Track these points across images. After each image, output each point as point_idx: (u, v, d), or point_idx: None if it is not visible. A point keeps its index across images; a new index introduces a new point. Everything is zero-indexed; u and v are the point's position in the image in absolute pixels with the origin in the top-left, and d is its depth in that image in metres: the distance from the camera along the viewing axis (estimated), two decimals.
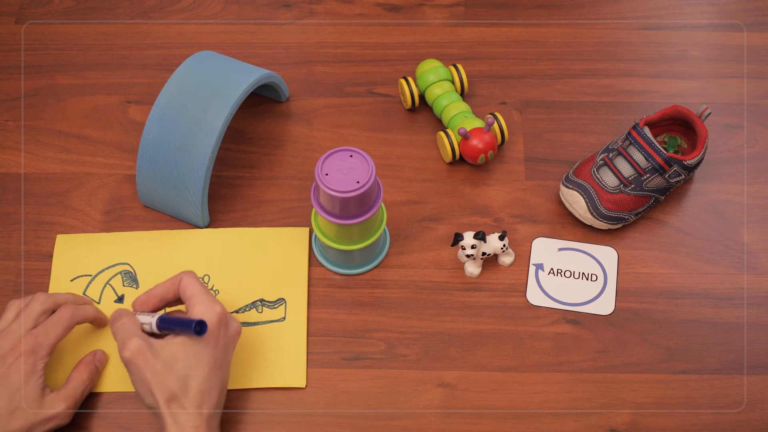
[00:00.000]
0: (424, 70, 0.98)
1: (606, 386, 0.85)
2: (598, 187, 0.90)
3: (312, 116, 1.01)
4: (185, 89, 0.88)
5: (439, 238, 0.93)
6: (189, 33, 1.08)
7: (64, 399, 0.78)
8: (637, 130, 0.90)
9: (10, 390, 0.76)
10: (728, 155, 0.98)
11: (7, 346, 0.77)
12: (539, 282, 0.90)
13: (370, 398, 0.84)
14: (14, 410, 0.75)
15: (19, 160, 0.98)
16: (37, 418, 0.76)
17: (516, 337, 0.87)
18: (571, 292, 0.90)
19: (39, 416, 0.76)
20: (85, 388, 0.81)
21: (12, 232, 0.93)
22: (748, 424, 0.83)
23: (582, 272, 0.91)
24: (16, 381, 0.76)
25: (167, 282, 0.81)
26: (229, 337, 0.79)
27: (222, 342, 0.77)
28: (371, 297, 0.90)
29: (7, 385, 0.76)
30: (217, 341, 0.77)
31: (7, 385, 0.76)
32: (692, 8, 1.09)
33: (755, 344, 0.87)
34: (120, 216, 0.94)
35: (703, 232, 0.93)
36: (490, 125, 0.92)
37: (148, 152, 0.89)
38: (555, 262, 0.91)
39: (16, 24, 1.09)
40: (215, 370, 0.76)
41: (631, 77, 1.04)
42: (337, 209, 0.81)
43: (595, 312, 0.88)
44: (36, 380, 0.77)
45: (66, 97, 1.03)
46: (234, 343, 0.79)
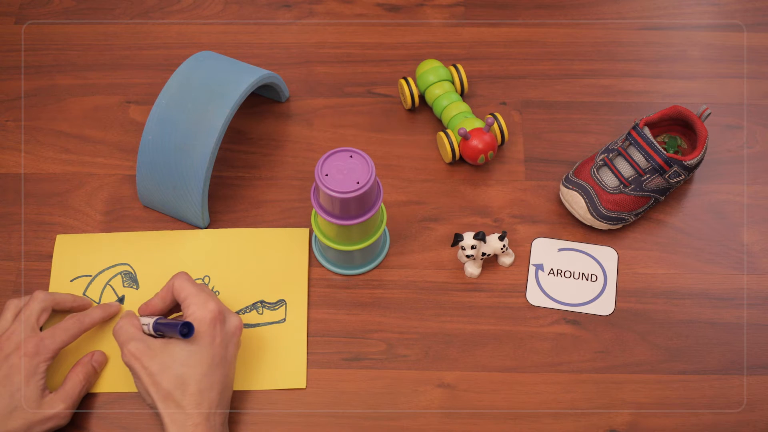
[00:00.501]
0: (424, 70, 0.98)
1: (606, 386, 0.85)
2: (598, 188, 0.90)
3: (312, 116, 1.01)
4: (185, 89, 0.88)
5: (439, 238, 0.93)
6: (189, 33, 1.08)
7: (62, 399, 0.79)
8: (637, 130, 0.90)
9: (11, 390, 0.76)
10: (728, 155, 0.98)
11: (11, 346, 0.78)
12: (539, 282, 0.90)
13: (370, 398, 0.84)
14: (13, 410, 0.76)
15: (19, 160, 0.98)
16: (36, 418, 0.77)
17: (516, 338, 0.87)
18: (571, 293, 0.90)
19: (37, 416, 0.77)
20: (82, 388, 0.81)
21: (12, 232, 0.93)
22: (748, 425, 0.83)
23: (582, 272, 0.91)
24: (17, 381, 0.77)
25: (162, 290, 0.82)
26: (227, 333, 0.79)
27: (219, 339, 0.78)
28: (371, 297, 0.90)
29: (8, 385, 0.76)
30: (213, 339, 0.77)
31: (8, 385, 0.76)
32: (692, 8, 1.09)
33: (755, 344, 0.87)
34: (120, 216, 0.94)
35: (703, 232, 0.93)
36: (490, 125, 0.92)
37: (148, 152, 0.89)
38: (555, 262, 0.91)
39: (16, 24, 1.09)
40: (213, 368, 0.77)
41: (631, 77, 1.04)
42: (337, 210, 0.81)
43: (595, 312, 0.88)
44: (37, 381, 0.77)
45: (66, 97, 1.03)
46: (234, 338, 0.80)
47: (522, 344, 0.87)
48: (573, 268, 0.91)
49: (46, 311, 0.82)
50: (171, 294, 0.81)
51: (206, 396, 0.76)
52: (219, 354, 0.77)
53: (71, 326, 0.81)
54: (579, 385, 0.85)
